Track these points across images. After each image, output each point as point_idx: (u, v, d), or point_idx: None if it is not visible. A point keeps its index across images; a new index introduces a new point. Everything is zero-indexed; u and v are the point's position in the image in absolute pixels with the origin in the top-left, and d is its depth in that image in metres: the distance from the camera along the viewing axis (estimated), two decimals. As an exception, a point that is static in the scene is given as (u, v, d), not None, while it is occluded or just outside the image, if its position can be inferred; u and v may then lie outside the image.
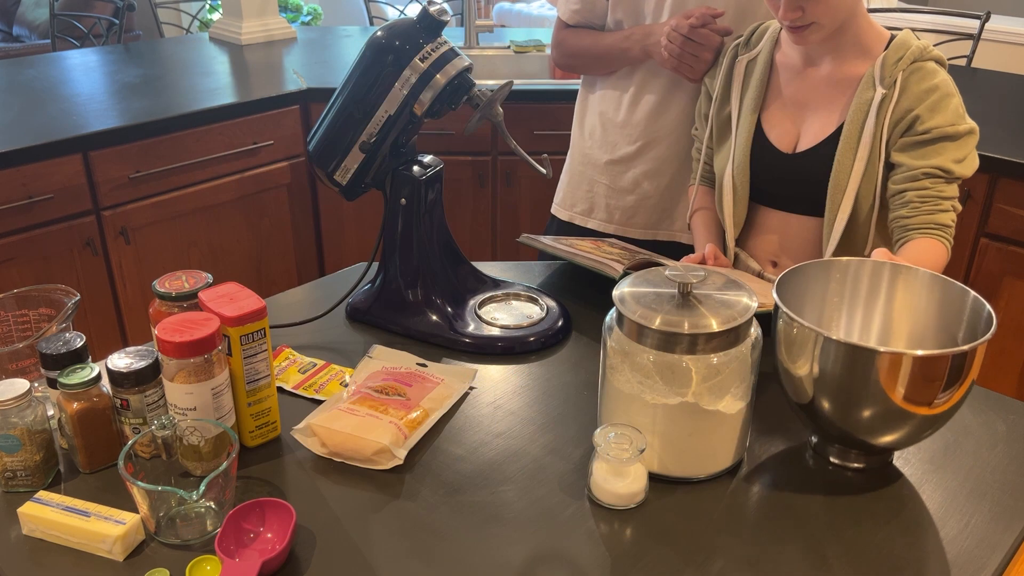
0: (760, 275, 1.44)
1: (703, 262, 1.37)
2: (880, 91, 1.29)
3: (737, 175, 1.42)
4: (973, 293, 1.00)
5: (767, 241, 1.46)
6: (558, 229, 1.85)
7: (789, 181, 1.40)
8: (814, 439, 1.06)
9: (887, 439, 0.96)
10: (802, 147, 1.38)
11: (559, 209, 1.85)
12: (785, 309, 0.97)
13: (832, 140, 1.34)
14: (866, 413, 0.93)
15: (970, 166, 1.29)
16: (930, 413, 0.93)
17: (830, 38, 1.33)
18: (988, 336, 0.91)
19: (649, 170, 1.70)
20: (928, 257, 1.24)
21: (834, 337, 0.91)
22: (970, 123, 1.29)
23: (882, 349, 0.89)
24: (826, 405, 0.95)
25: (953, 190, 1.29)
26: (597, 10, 1.67)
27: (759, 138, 1.41)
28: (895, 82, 1.28)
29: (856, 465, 1.02)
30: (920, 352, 0.89)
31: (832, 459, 1.03)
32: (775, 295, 0.99)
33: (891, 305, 1.09)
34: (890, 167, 1.32)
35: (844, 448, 1.02)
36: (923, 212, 1.27)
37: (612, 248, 1.50)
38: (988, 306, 0.96)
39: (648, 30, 1.58)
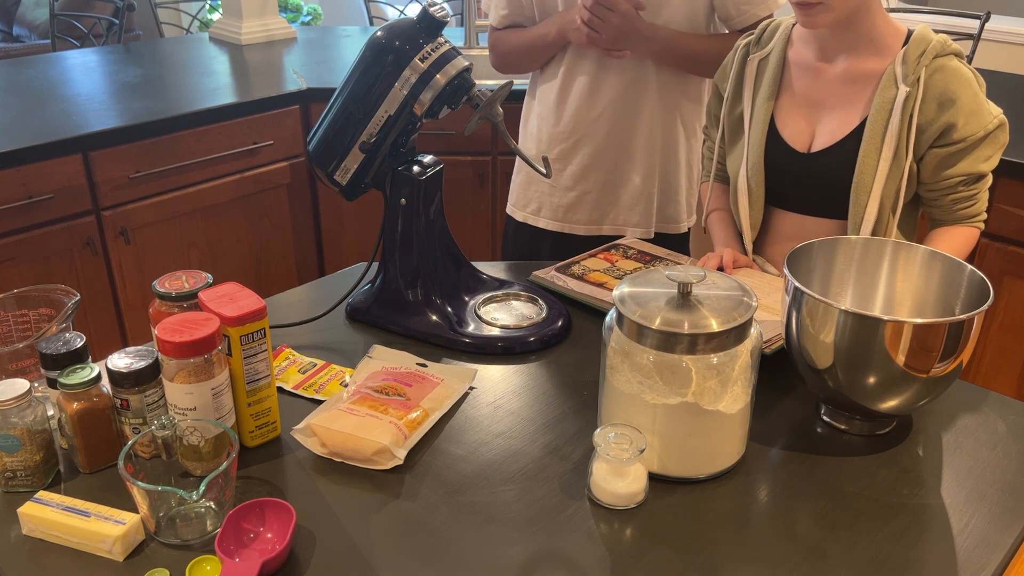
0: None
1: (720, 268, 1.37)
2: (904, 89, 1.27)
3: (752, 176, 1.41)
4: (970, 267, 1.07)
5: (783, 245, 1.44)
6: (515, 230, 1.90)
7: (805, 181, 1.38)
8: (822, 409, 1.12)
9: (890, 404, 1.03)
10: (818, 146, 1.36)
11: (514, 210, 1.90)
12: (796, 283, 1.03)
13: (851, 139, 1.33)
14: (871, 379, 1.00)
15: (996, 159, 1.32)
16: (929, 378, 1.00)
17: (844, 31, 1.31)
18: (984, 308, 0.98)
19: (585, 166, 1.75)
20: (950, 243, 1.34)
21: (842, 308, 0.98)
22: (997, 115, 1.29)
23: (886, 318, 0.96)
24: (835, 372, 1.02)
25: (983, 182, 1.34)
26: (525, 12, 1.76)
27: (773, 137, 1.39)
28: (918, 80, 1.26)
29: (860, 433, 1.09)
30: (920, 320, 0.96)
31: (840, 425, 1.10)
32: (786, 271, 1.06)
33: (893, 280, 1.17)
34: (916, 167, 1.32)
35: (850, 416, 1.09)
36: (956, 211, 1.35)
37: (627, 260, 1.48)
38: (986, 279, 1.04)
39: (564, 14, 1.67)
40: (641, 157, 1.73)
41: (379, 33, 1.23)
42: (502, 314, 1.33)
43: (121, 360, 0.98)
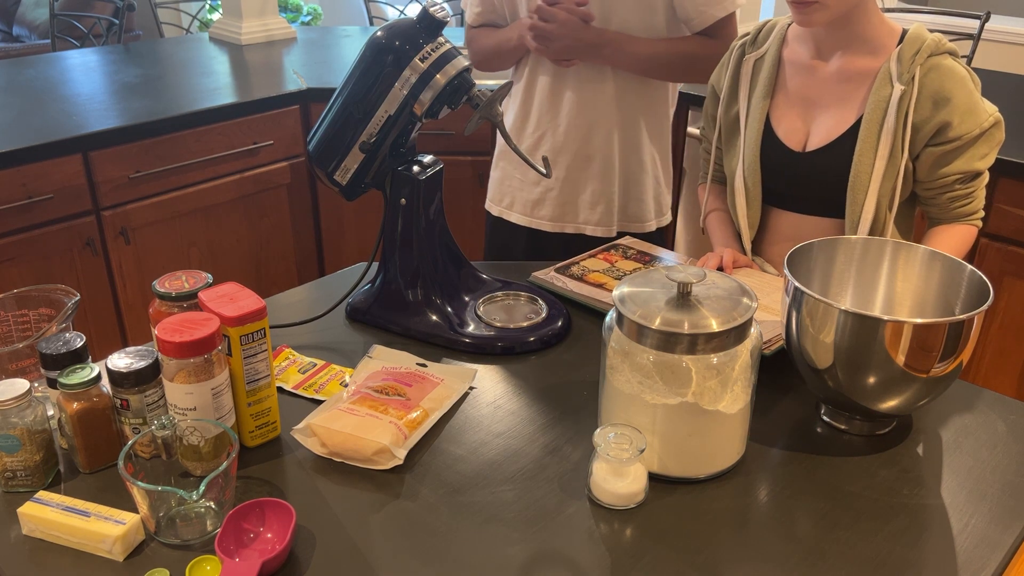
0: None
1: (720, 268, 1.37)
2: (899, 88, 1.27)
3: (748, 175, 1.41)
4: (970, 267, 1.07)
5: (782, 245, 1.44)
6: (493, 225, 1.92)
7: (802, 180, 1.38)
8: (822, 409, 1.12)
9: (890, 404, 1.03)
10: (813, 145, 1.36)
11: (491, 205, 1.92)
12: (796, 283, 1.03)
13: (846, 137, 1.33)
14: (871, 379, 1.00)
15: (992, 157, 1.33)
16: (929, 378, 1.00)
17: (839, 30, 1.31)
18: (984, 307, 0.98)
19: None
20: (948, 242, 1.34)
21: (842, 308, 0.98)
22: (992, 113, 1.29)
23: (886, 318, 0.96)
24: (835, 372, 1.02)
25: (980, 179, 1.34)
26: (497, 11, 1.79)
27: (768, 136, 1.40)
28: (913, 78, 1.27)
29: (860, 433, 1.09)
30: (920, 320, 0.96)
31: (840, 425, 1.09)
32: (786, 271, 1.05)
33: (893, 280, 1.16)
34: (912, 165, 1.32)
35: (850, 416, 1.09)
36: (953, 209, 1.35)
37: (627, 260, 1.48)
38: (986, 279, 1.03)
39: (523, 20, 1.69)
40: (599, 157, 1.73)
41: (379, 33, 1.23)
42: (502, 314, 1.33)
43: (121, 360, 0.98)
